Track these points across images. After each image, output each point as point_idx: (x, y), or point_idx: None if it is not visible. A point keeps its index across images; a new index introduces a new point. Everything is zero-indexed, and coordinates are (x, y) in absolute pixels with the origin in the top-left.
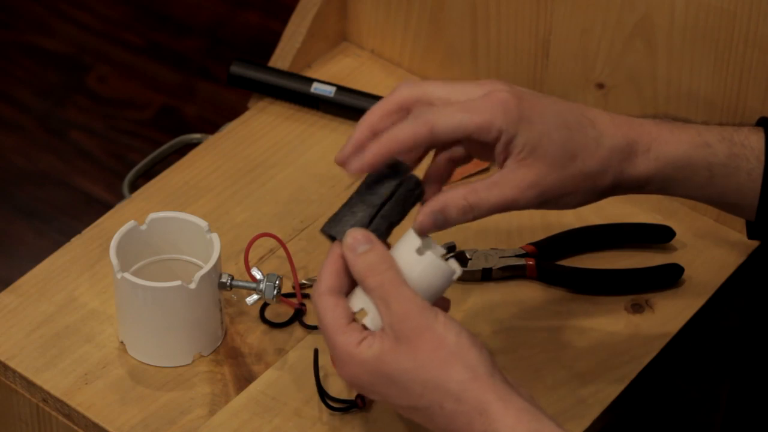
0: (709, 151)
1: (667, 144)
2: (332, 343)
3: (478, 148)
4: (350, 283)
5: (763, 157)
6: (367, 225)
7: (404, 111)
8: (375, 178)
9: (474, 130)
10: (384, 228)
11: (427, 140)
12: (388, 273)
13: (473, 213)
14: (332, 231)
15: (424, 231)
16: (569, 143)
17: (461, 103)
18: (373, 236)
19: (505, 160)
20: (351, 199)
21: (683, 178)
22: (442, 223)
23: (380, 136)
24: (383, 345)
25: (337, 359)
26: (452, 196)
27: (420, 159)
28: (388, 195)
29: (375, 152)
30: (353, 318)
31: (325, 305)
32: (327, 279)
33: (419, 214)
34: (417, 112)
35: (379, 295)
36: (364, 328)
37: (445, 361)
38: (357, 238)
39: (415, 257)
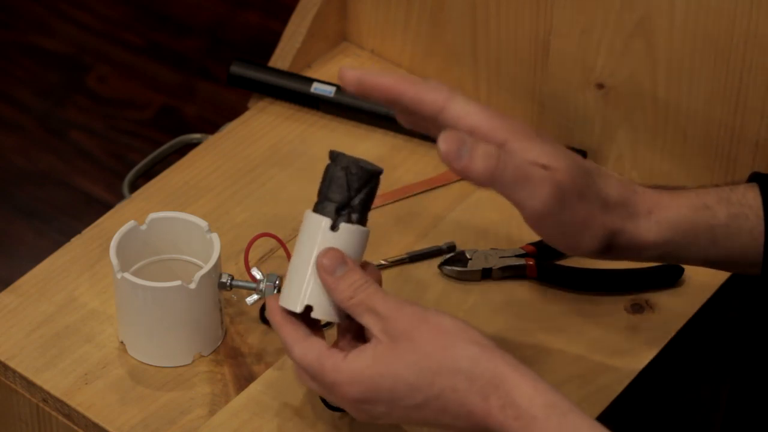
0: (709, 213)
1: (668, 208)
2: (321, 372)
3: None
4: (305, 323)
5: (762, 213)
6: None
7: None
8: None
9: (479, 129)
10: (332, 208)
11: (437, 108)
12: (371, 287)
13: (499, 165)
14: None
15: (444, 149)
16: (577, 178)
17: (484, 107)
18: (344, 255)
19: None
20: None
21: (686, 243)
22: (464, 155)
23: (402, 75)
24: (377, 350)
25: (333, 385)
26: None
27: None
28: (324, 177)
29: (385, 80)
30: (329, 346)
31: (301, 351)
32: (290, 336)
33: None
34: (445, 85)
35: (365, 308)
36: (321, 324)
37: (450, 343)
38: (332, 260)
39: (331, 235)
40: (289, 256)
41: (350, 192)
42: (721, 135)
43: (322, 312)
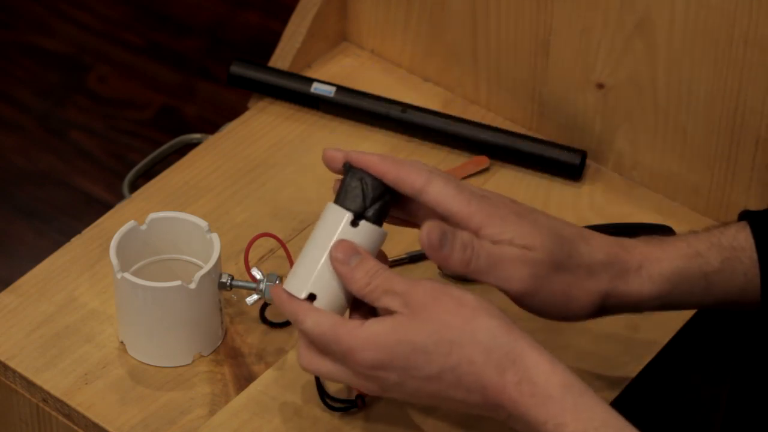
0: (701, 260)
1: (659, 261)
2: (336, 339)
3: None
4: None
5: (755, 255)
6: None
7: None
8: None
9: (455, 215)
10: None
11: (415, 190)
12: (386, 271)
13: (473, 255)
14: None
15: (425, 241)
16: (556, 252)
17: (462, 190)
18: (357, 246)
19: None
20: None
21: (681, 292)
22: (445, 247)
23: (386, 156)
24: (396, 319)
25: (347, 351)
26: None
27: None
28: (339, 189)
29: (368, 158)
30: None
31: (314, 321)
32: (300, 308)
33: (428, 223)
34: (428, 166)
35: (383, 291)
36: None
37: (470, 315)
38: (345, 251)
39: (351, 230)
40: (289, 256)
41: (365, 202)
42: (721, 135)
43: (326, 302)
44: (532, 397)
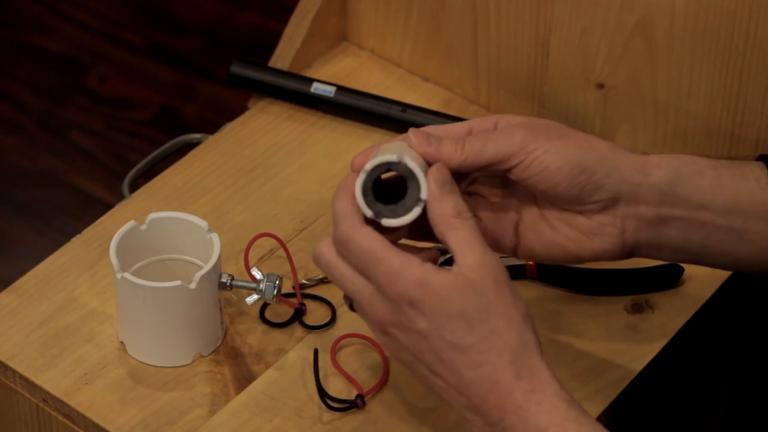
0: (710, 159)
1: (666, 154)
2: (387, 255)
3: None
4: None
5: (766, 171)
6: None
7: None
8: None
9: (474, 122)
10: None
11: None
12: (473, 219)
13: (465, 155)
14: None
15: (414, 142)
16: (549, 122)
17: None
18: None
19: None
20: None
21: (692, 174)
22: (433, 142)
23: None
24: (458, 279)
25: (393, 273)
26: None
27: None
28: None
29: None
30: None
31: (367, 232)
32: (347, 208)
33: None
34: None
35: (464, 238)
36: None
37: (522, 319)
38: (443, 174)
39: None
40: (289, 256)
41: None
42: (721, 135)
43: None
44: (538, 405)
